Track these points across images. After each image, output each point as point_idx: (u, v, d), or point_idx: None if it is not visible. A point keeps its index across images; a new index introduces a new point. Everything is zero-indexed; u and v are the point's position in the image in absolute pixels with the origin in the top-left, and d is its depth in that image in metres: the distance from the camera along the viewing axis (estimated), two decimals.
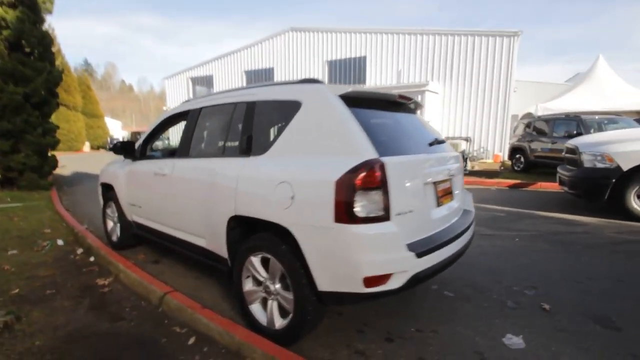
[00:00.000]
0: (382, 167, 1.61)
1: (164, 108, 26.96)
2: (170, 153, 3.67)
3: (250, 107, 2.21)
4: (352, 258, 1.58)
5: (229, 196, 2.10)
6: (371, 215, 1.59)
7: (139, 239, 3.68)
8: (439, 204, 2.04)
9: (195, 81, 25.66)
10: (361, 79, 19.67)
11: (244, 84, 23.40)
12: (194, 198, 2.43)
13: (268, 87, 2.20)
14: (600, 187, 4.82)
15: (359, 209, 1.57)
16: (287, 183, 1.78)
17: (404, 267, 1.62)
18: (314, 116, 1.85)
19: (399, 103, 2.25)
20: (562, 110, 10.96)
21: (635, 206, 4.68)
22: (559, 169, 5.98)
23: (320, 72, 20.75)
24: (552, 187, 7.52)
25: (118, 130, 40.66)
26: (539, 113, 11.94)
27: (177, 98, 26.11)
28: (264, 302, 2.09)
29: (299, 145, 1.87)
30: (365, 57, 19.37)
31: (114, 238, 3.79)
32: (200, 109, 2.68)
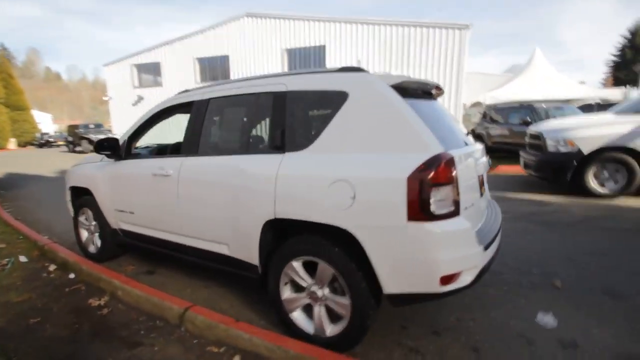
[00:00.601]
0: (452, 161, 1.56)
1: (105, 98, 24.42)
2: (160, 151, 3.30)
3: (280, 98, 2.01)
4: (429, 257, 1.52)
5: (265, 198, 1.91)
6: (444, 211, 1.54)
7: (123, 248, 3.28)
8: (481, 194, 2.06)
9: (140, 68, 23.57)
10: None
11: (197, 72, 22.07)
12: (212, 201, 2.19)
13: (300, 75, 2.01)
14: (564, 170, 5.31)
15: (433, 205, 1.51)
16: (344, 182, 1.65)
17: (475, 262, 1.61)
18: (367, 109, 1.72)
19: (431, 93, 2.20)
20: (506, 99, 11.89)
21: (593, 185, 5.24)
22: (522, 154, 6.49)
23: (279, 60, 20.22)
24: (512, 170, 8.16)
25: (48, 124, 36.11)
26: (487, 102, 12.85)
27: (119, 87, 23.84)
28: (308, 309, 1.96)
29: (349, 140, 1.74)
30: (324, 46, 19.23)
31: (92, 249, 3.34)
32: (208, 100, 2.40)
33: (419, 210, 1.50)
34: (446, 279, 1.54)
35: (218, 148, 2.35)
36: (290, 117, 1.96)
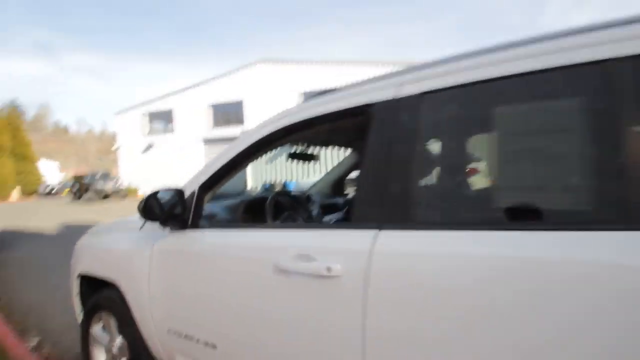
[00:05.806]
0: None
1: (113, 148, 23.76)
2: (252, 207, 1.93)
3: None
4: None
5: None
6: None
7: None
8: None
9: (153, 116, 23.22)
10: None
11: (211, 119, 21.63)
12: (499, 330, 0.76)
13: None
14: None
15: None
16: None
17: None
18: None
19: None
20: None
21: None
22: None
23: (294, 103, 19.81)
24: None
25: (55, 172, 35.54)
26: None
27: (130, 136, 23.36)
28: None
29: None
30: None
31: None
32: (420, 95, 1.05)
33: None
34: None
35: (494, 214, 0.91)
36: None
